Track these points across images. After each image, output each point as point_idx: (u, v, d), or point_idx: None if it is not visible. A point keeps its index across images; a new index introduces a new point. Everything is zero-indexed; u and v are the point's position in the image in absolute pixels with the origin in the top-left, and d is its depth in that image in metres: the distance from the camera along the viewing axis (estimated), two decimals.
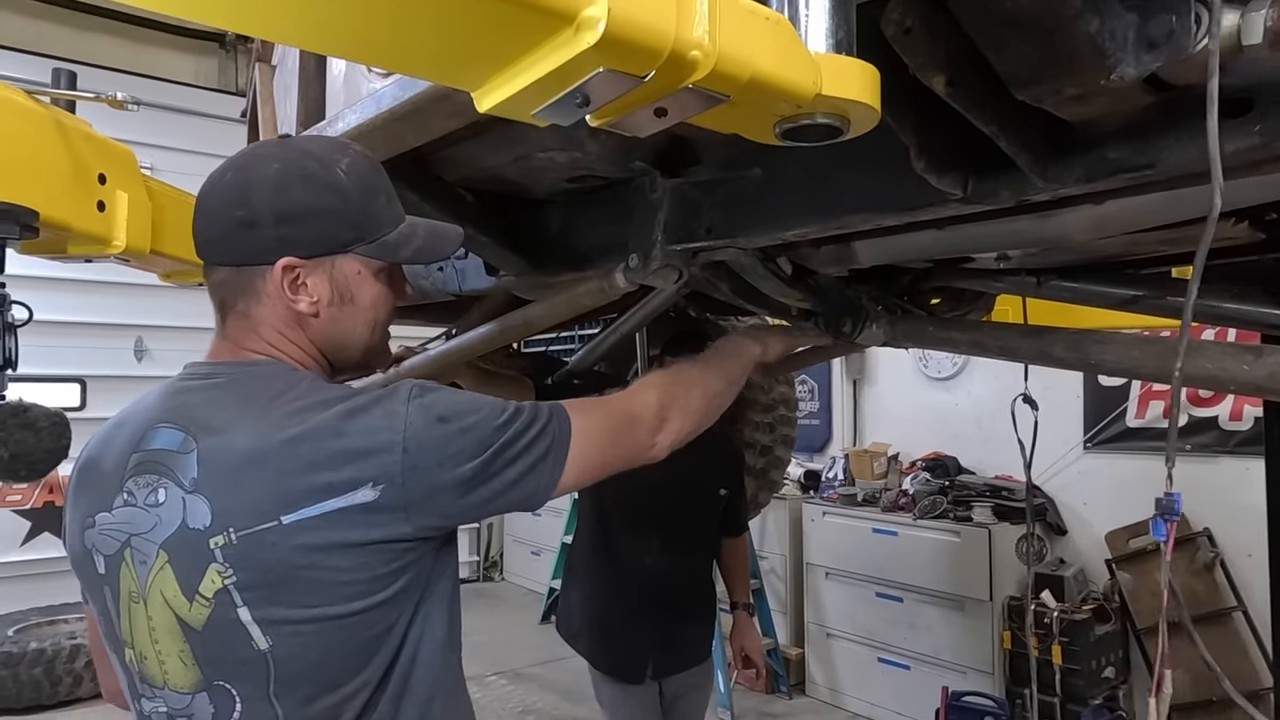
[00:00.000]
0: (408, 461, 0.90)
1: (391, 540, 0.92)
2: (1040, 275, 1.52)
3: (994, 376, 4.36)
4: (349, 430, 0.90)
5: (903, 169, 1.06)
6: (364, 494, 0.89)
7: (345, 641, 0.93)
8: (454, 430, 0.93)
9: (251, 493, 0.89)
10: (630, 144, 1.32)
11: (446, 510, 0.94)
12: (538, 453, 0.99)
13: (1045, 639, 3.54)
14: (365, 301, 1.04)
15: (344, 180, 0.99)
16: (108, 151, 1.21)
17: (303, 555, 0.88)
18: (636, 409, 1.16)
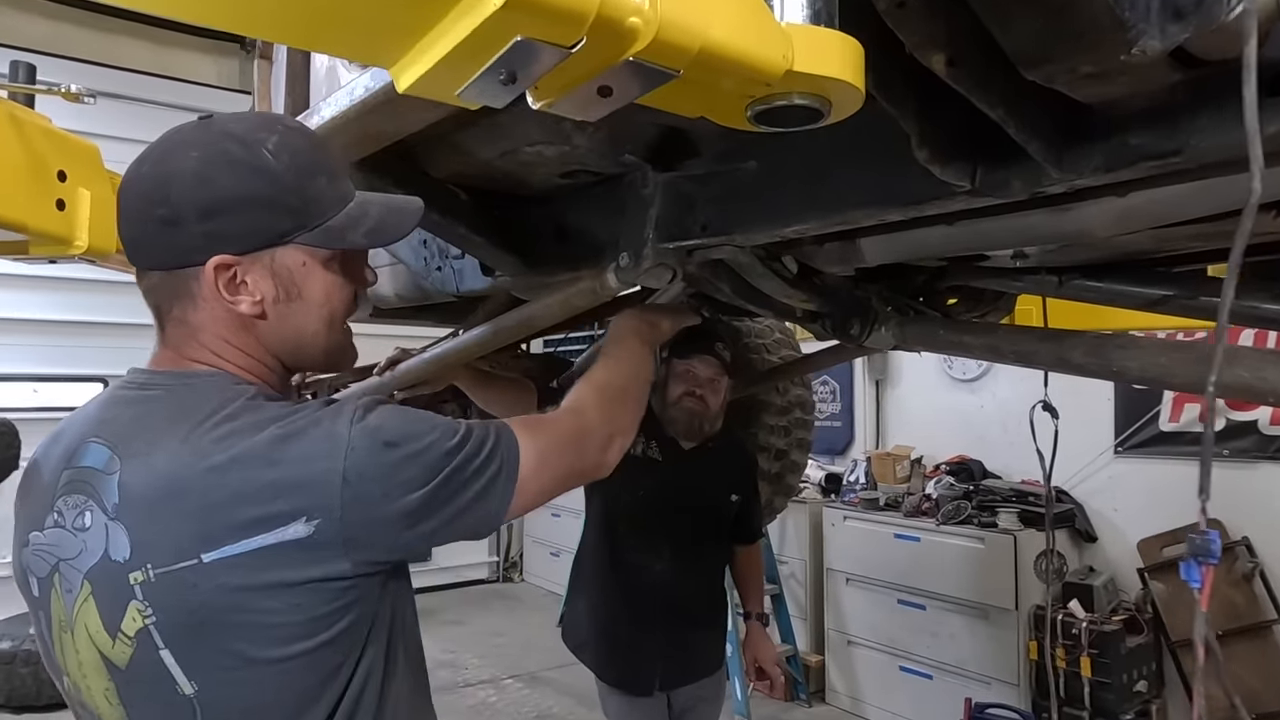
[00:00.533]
0: (348, 493, 0.82)
1: (329, 579, 0.83)
2: (1062, 274, 1.42)
3: (1020, 379, 4.21)
4: (282, 458, 0.82)
5: (907, 160, 0.97)
6: (297, 529, 0.80)
7: (281, 688, 0.84)
8: (401, 456, 0.86)
9: (171, 526, 0.80)
10: (619, 136, 1.25)
11: (390, 544, 0.87)
12: (487, 477, 0.92)
13: (1073, 650, 3.42)
14: (316, 295, 0.93)
15: (272, 162, 0.87)
16: (68, 147, 1.17)
17: (227, 596, 0.80)
18: (583, 426, 1.11)
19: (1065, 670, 3.43)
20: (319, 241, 0.91)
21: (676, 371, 2.29)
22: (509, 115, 1.20)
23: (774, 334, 2.97)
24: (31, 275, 5.21)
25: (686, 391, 2.27)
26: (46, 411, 5.31)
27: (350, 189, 0.97)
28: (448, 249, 1.91)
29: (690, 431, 2.32)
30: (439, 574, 6.76)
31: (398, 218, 0.99)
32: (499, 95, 0.53)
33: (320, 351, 0.99)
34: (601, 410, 1.14)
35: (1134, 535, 3.67)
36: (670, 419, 2.31)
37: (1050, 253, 1.25)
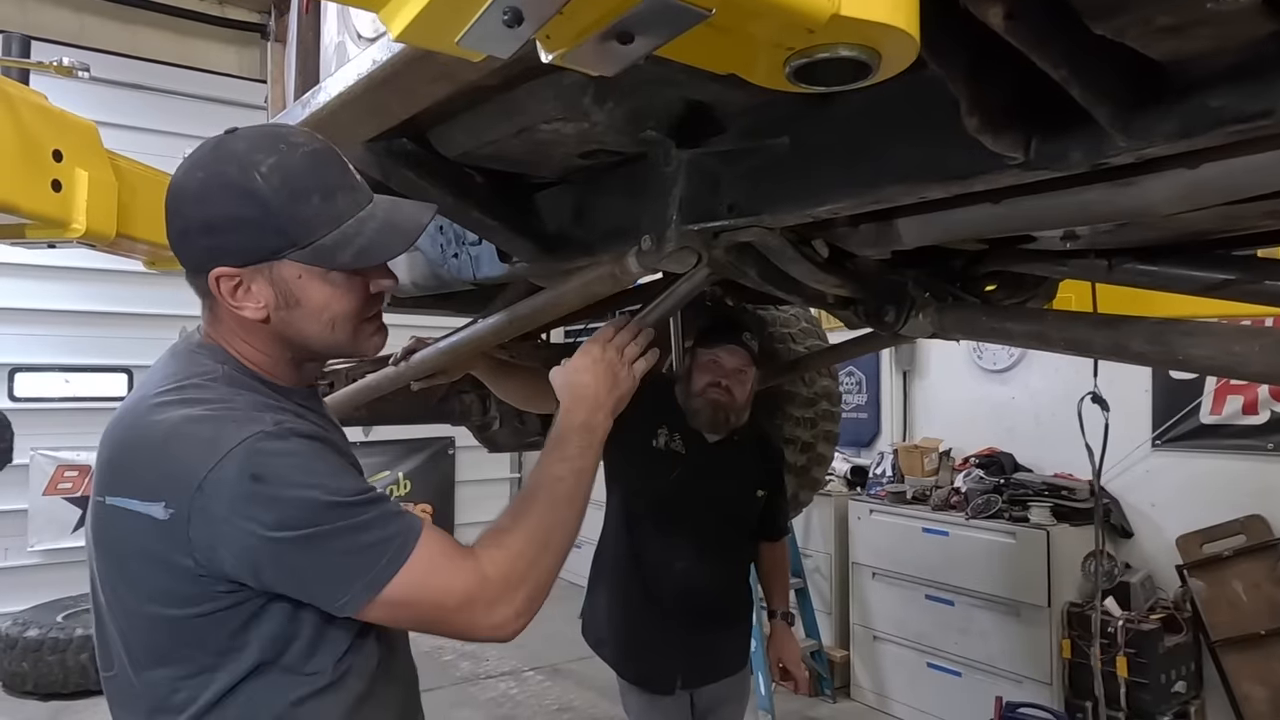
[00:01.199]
0: (199, 502, 0.86)
1: (179, 565, 0.88)
2: (1111, 257, 1.33)
3: (1054, 370, 4.10)
4: (171, 444, 0.89)
5: (952, 131, 0.90)
6: (157, 510, 0.87)
7: (150, 636, 0.93)
8: (261, 495, 0.86)
9: (103, 461, 0.94)
10: (641, 111, 1.18)
11: (229, 570, 0.88)
12: (351, 562, 0.89)
13: (1109, 649, 3.31)
14: (315, 304, 0.99)
15: (262, 186, 0.93)
16: (65, 125, 1.11)
17: (113, 540, 0.92)
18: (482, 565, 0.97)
19: (1101, 670, 3.33)
20: (309, 260, 0.97)
21: (701, 362, 2.22)
22: (524, 90, 1.14)
23: (800, 323, 2.90)
24: (61, 266, 5.25)
25: (711, 382, 2.19)
26: (77, 401, 5.37)
27: (354, 201, 0.99)
28: (464, 235, 1.85)
29: (714, 424, 2.25)
30: None
31: (391, 237, 1.00)
32: (504, 41, 0.47)
33: (325, 349, 1.06)
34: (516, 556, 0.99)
35: (1172, 531, 3.56)
36: (694, 410, 2.24)
37: (1101, 234, 1.17)
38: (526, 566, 0.99)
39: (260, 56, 6.31)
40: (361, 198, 1.01)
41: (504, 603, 0.97)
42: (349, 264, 0.97)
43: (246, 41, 6.32)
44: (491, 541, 1.01)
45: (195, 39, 6.03)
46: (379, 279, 1.04)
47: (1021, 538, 3.58)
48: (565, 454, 1.12)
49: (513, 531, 1.02)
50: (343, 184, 1.00)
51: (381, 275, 1.05)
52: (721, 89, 1.10)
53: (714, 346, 2.21)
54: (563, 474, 1.10)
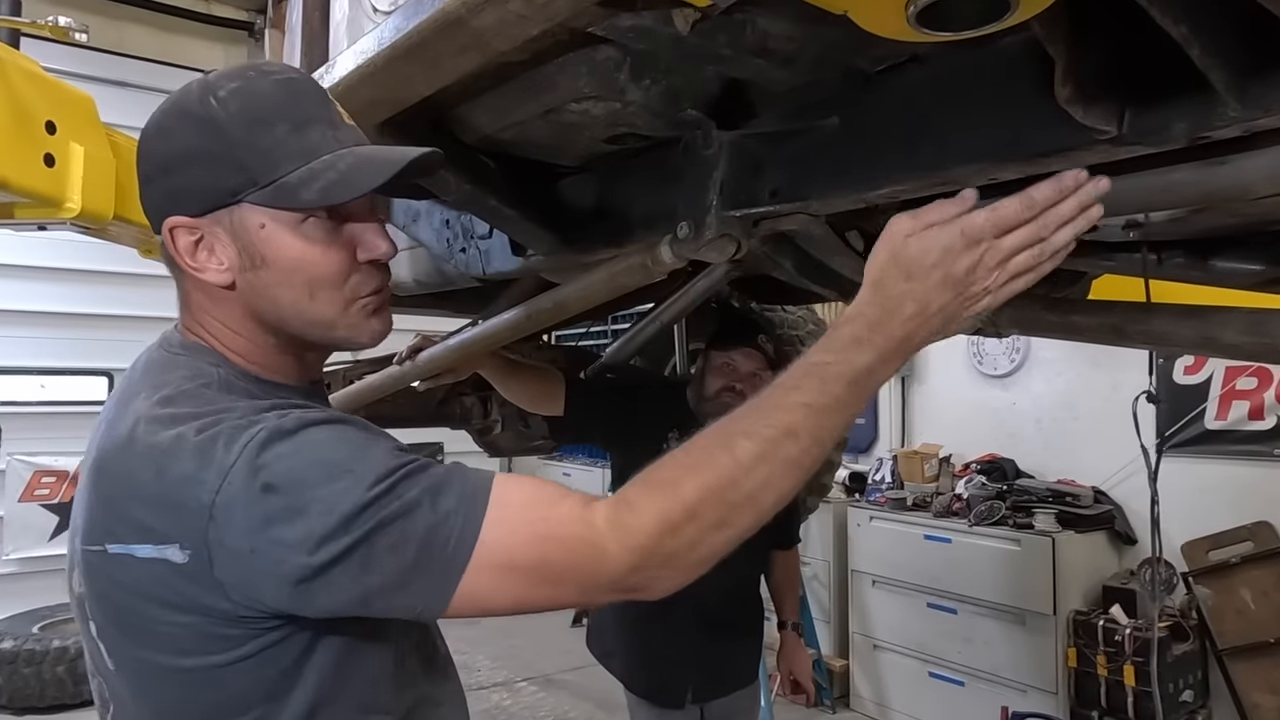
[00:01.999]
0: (214, 534, 0.70)
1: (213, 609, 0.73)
2: (1162, 250, 1.28)
3: (1055, 374, 4.08)
4: (169, 469, 0.72)
5: (1029, 105, 0.84)
6: (173, 553, 0.71)
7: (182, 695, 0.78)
8: (278, 509, 0.69)
9: (93, 505, 0.78)
10: (679, 90, 1.11)
11: (272, 602, 0.72)
12: (408, 561, 0.70)
13: (1116, 658, 3.27)
14: (284, 262, 0.80)
15: (218, 111, 0.78)
16: (58, 95, 1.02)
17: (125, 594, 0.75)
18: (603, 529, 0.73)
19: (1107, 679, 3.29)
20: (270, 201, 0.79)
21: (715, 364, 2.15)
22: (556, 66, 1.07)
23: (808, 324, 2.83)
24: (37, 266, 5.12)
25: (725, 386, 2.12)
26: (55, 405, 5.22)
27: (327, 139, 0.81)
28: (472, 229, 1.77)
29: None
30: None
31: (363, 172, 0.79)
32: None
33: (306, 326, 0.85)
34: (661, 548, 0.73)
35: (1177, 538, 3.52)
36: (706, 416, 2.17)
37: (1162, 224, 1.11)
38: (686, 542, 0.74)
39: (248, 54, 6.20)
40: (344, 136, 0.83)
41: (633, 574, 0.73)
42: (313, 201, 0.78)
43: (234, 39, 6.21)
44: (639, 497, 0.75)
45: (181, 36, 5.91)
46: (371, 242, 0.83)
47: (1027, 545, 3.53)
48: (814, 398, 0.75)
49: (674, 491, 0.74)
50: (319, 117, 0.82)
51: (375, 240, 0.84)
52: (765, 66, 1.03)
53: (728, 349, 2.14)
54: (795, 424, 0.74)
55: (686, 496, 0.73)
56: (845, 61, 1.03)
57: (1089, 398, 3.93)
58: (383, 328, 0.90)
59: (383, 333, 0.90)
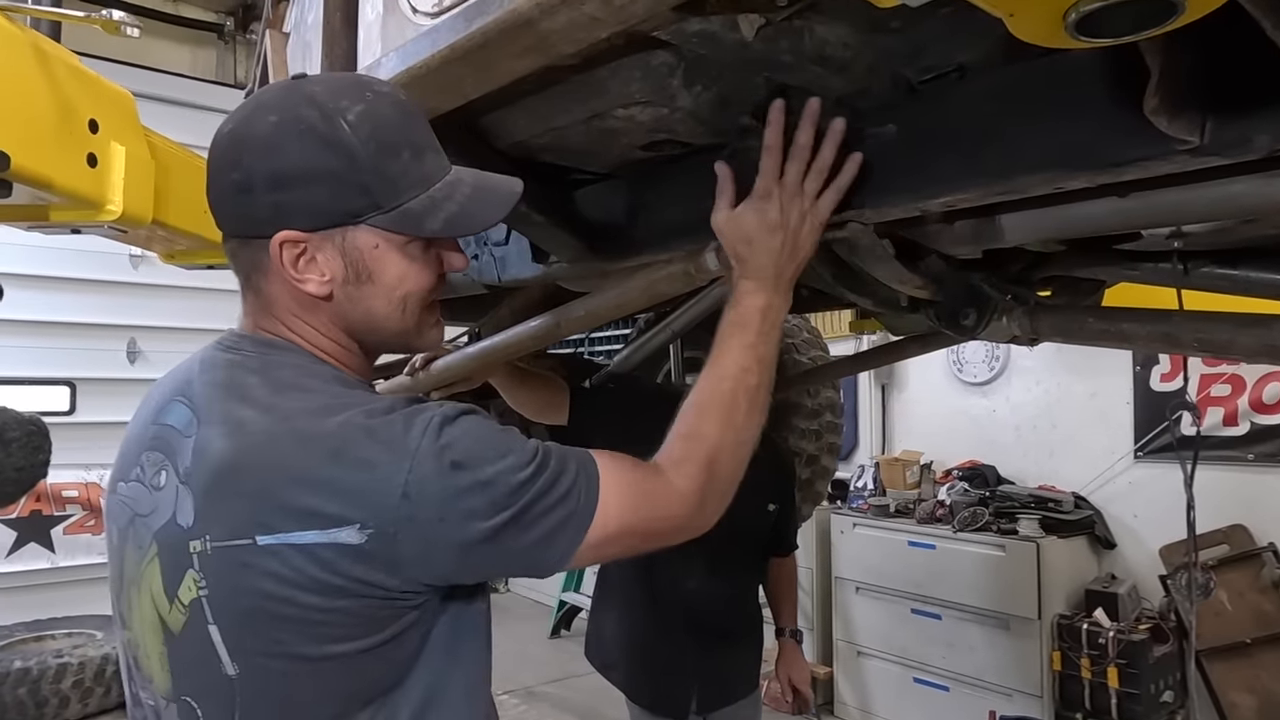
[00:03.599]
0: (405, 510, 0.76)
1: (376, 588, 0.78)
2: (1189, 260, 1.30)
3: (1035, 382, 4.15)
4: (347, 454, 0.77)
5: (1103, 113, 0.84)
6: (349, 534, 0.75)
7: (320, 687, 0.80)
8: (468, 483, 0.78)
9: (231, 500, 0.78)
10: (728, 97, 1.10)
11: (440, 571, 0.81)
12: (557, 519, 0.83)
13: (1099, 661, 3.33)
14: (388, 279, 0.87)
15: (348, 135, 0.81)
16: (101, 92, 0.97)
17: (275, 584, 0.76)
18: (684, 486, 0.93)
19: (1091, 681, 3.34)
20: (393, 226, 0.85)
21: None
22: (608, 70, 1.05)
23: (802, 333, 2.84)
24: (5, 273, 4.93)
25: None
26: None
27: (440, 165, 0.90)
28: (487, 235, 1.74)
29: None
30: None
31: (485, 206, 0.90)
32: None
33: (391, 335, 0.93)
34: (710, 486, 0.95)
35: (1155, 542, 3.60)
36: None
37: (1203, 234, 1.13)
38: (726, 469, 0.95)
39: (217, 58, 6.07)
40: (445, 162, 0.90)
41: (700, 511, 0.94)
42: (438, 232, 0.86)
43: (201, 41, 6.07)
44: (681, 453, 0.94)
45: (147, 37, 5.73)
46: (453, 257, 0.93)
47: (1011, 550, 3.58)
48: (747, 340, 1.00)
49: (703, 434, 0.95)
50: (431, 144, 0.89)
51: (455, 255, 0.93)
52: (821, 73, 1.03)
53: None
54: (748, 364, 0.99)
55: (710, 436, 0.95)
56: (895, 70, 1.04)
57: (1068, 405, 4.01)
58: (441, 335, 1.01)
59: (440, 340, 1.01)
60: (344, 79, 0.90)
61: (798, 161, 1.01)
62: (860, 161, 1.01)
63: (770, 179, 1.02)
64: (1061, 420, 4.03)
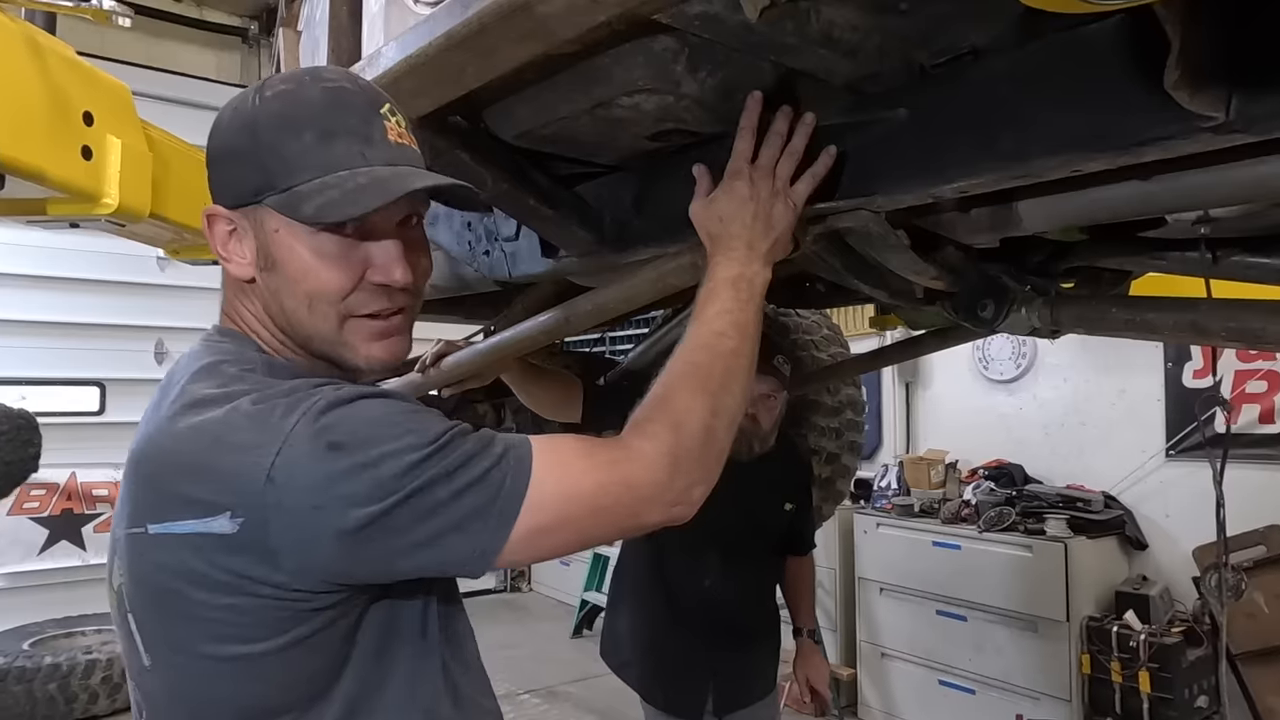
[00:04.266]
0: (272, 496, 0.70)
1: (266, 585, 0.72)
2: (1218, 248, 1.25)
3: (1062, 379, 4.07)
4: (225, 439, 0.73)
5: (1122, 91, 0.81)
6: (221, 523, 0.71)
7: (224, 690, 0.76)
8: (346, 466, 0.71)
9: (135, 487, 0.78)
10: (734, 83, 1.07)
11: (331, 566, 0.73)
12: (470, 505, 0.74)
13: (1130, 664, 3.25)
14: (291, 269, 0.81)
15: (258, 113, 0.81)
16: (96, 84, 0.97)
17: (166, 577, 0.74)
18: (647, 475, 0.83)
19: (1122, 685, 3.26)
20: (281, 207, 0.81)
21: None
22: (610, 57, 1.03)
23: (822, 330, 2.81)
24: (26, 275, 5.02)
25: None
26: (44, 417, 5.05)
27: (352, 154, 0.81)
28: (497, 231, 1.73)
29: (737, 451, 2.11)
30: None
31: (364, 195, 0.79)
32: None
33: (310, 336, 0.85)
34: (680, 448, 0.84)
35: (1188, 543, 3.51)
36: None
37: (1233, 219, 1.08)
38: (699, 433, 0.85)
39: (241, 62, 6.14)
40: (376, 154, 0.81)
41: (670, 481, 0.83)
42: (309, 218, 0.78)
43: (226, 45, 6.15)
44: (644, 415, 0.86)
45: (171, 41, 5.84)
46: (383, 265, 0.82)
47: (1039, 551, 3.50)
48: (719, 308, 0.95)
49: (672, 398, 0.87)
50: (354, 131, 0.81)
51: (391, 265, 0.82)
52: (828, 57, 1.00)
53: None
54: (723, 328, 0.93)
55: (680, 400, 0.87)
56: (905, 53, 1.00)
57: (1097, 402, 3.93)
58: (386, 355, 0.87)
59: (385, 360, 0.87)
60: (312, 68, 0.89)
61: (771, 146, 1.01)
62: (835, 154, 1.01)
63: (741, 160, 1.02)
64: (1090, 418, 3.95)
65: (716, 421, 0.88)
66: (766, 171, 1.00)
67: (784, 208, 1.00)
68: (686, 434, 0.85)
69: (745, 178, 1.01)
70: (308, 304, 0.82)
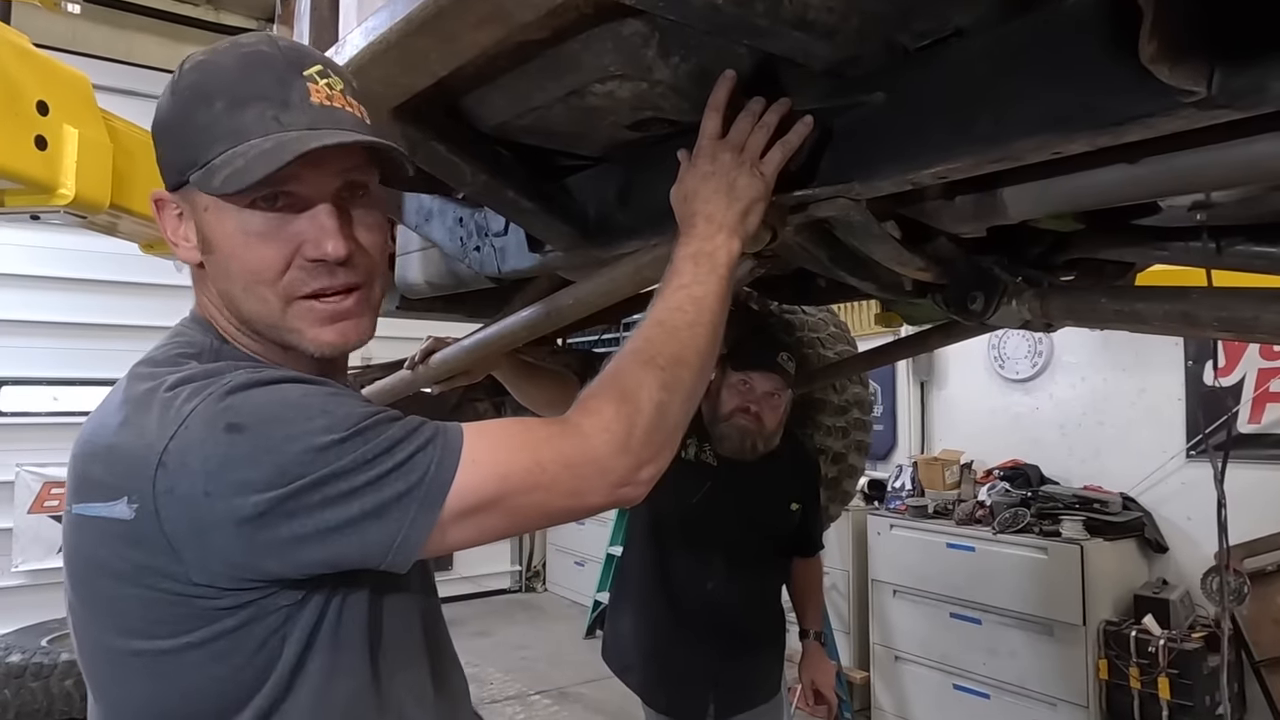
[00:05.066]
0: (164, 481, 0.67)
1: (163, 579, 0.68)
2: (1221, 237, 1.20)
3: (1080, 378, 3.99)
4: (131, 421, 0.71)
5: (1100, 69, 0.77)
6: (121, 509, 0.68)
7: (132, 689, 0.72)
8: (246, 449, 0.66)
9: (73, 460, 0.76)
10: (708, 68, 1.04)
11: (232, 558, 0.67)
12: (391, 492, 0.69)
13: (1149, 670, 3.17)
14: (223, 249, 0.77)
15: (178, 84, 0.77)
16: (51, 74, 0.95)
17: (82, 562, 0.73)
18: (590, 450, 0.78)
19: (1141, 691, 3.18)
20: (199, 184, 0.76)
21: (731, 382, 2.07)
22: (579, 42, 1.00)
23: (829, 326, 2.76)
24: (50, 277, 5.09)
25: (740, 407, 2.05)
26: (66, 416, 5.15)
27: (264, 120, 0.75)
28: (487, 226, 1.71)
29: (741, 451, 2.09)
30: (458, 583, 6.59)
31: (265, 158, 0.73)
32: None
33: (253, 320, 0.80)
34: (627, 425, 0.79)
35: (1209, 546, 3.41)
36: (720, 435, 2.09)
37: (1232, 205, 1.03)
38: (648, 409, 0.80)
39: None
40: (293, 118, 0.75)
41: (618, 456, 0.78)
42: (216, 189, 0.74)
43: None
44: (591, 392, 0.82)
45: (190, 45, 5.87)
46: (314, 239, 0.77)
47: (1054, 553, 3.43)
48: (680, 282, 0.92)
49: (621, 374, 0.82)
50: (266, 95, 0.75)
51: (324, 238, 0.77)
52: (805, 40, 0.97)
53: (746, 369, 2.06)
54: (679, 303, 0.90)
55: (632, 373, 0.83)
56: (887, 35, 0.97)
57: (1115, 401, 3.84)
58: (337, 339, 0.81)
59: (335, 344, 0.82)
60: (235, 37, 0.83)
61: (742, 122, 0.98)
62: (811, 124, 0.98)
63: (706, 138, 0.99)
64: (1108, 418, 3.87)
65: (669, 398, 0.83)
66: (732, 144, 0.97)
67: (749, 178, 0.95)
68: (635, 410, 0.80)
69: (707, 153, 0.98)
70: (243, 285, 0.78)
